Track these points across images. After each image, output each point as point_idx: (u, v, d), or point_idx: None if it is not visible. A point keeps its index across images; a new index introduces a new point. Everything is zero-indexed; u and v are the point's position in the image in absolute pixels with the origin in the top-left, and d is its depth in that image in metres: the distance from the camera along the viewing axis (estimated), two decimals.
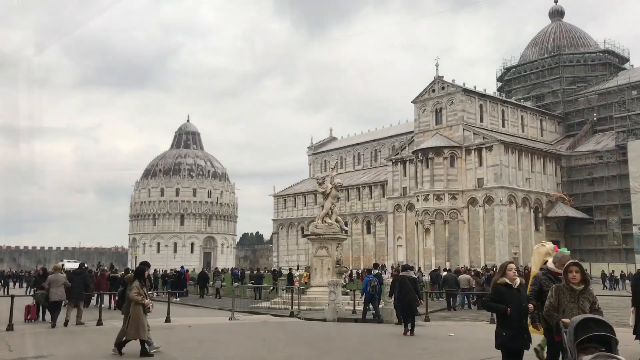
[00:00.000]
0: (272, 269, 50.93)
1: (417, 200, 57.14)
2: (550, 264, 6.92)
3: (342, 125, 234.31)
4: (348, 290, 22.29)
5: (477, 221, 54.33)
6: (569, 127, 65.47)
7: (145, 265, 10.61)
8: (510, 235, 53.55)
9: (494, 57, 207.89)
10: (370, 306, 17.29)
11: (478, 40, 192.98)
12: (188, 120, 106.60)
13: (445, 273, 27.75)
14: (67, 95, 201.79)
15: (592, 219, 56.20)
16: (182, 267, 38.21)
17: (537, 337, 7.17)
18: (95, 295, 19.72)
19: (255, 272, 39.11)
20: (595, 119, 62.52)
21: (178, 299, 27.84)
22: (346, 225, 25.15)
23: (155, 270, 50.37)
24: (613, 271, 45.03)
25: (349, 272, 47.92)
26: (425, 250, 56.03)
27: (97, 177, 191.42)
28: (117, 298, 11.92)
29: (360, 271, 49.49)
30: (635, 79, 60.94)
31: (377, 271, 18.36)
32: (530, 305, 6.46)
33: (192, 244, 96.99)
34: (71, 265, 35.50)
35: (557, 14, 74.60)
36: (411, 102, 60.23)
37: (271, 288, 28.65)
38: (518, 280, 6.38)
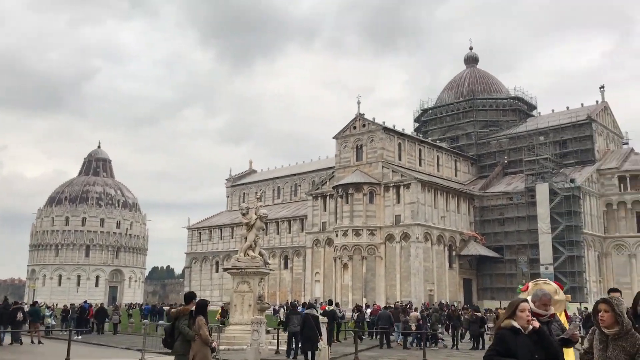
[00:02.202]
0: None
1: (336, 235, 56.83)
2: (529, 304, 6.19)
3: (263, 158, 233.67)
4: (270, 329, 21.03)
5: (394, 257, 54.63)
6: (481, 169, 68.10)
7: (205, 300, 9.42)
8: (426, 272, 54.17)
9: (412, 99, 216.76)
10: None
11: (397, 82, 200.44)
12: (99, 147, 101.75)
13: (368, 310, 27.14)
14: None
15: (502, 258, 58.06)
16: (85, 301, 35.28)
17: None
18: None
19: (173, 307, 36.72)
20: (506, 161, 65.43)
21: (80, 337, 25.46)
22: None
23: (54, 304, 46.48)
24: None
25: (273, 307, 46.50)
26: (342, 286, 55.49)
27: None
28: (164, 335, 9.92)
29: (276, 307, 48.15)
30: (543, 126, 64.61)
31: (332, 307, 17.87)
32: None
33: (98, 277, 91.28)
34: None
35: (471, 60, 78.37)
36: (333, 137, 60.51)
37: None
38: (532, 325, 4.82)
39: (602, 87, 67.40)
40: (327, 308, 22.53)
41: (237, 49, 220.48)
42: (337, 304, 24.66)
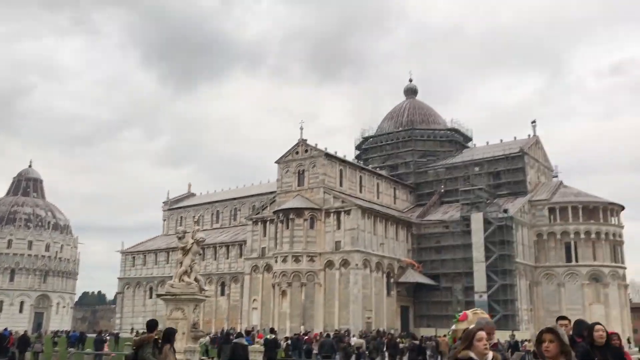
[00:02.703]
0: (113, 332, 46.37)
1: (276, 261, 56.23)
2: None
3: (203, 182, 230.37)
4: (204, 358, 20.33)
5: (333, 284, 54.49)
6: (419, 197, 69.42)
7: (173, 329, 8.97)
8: (364, 299, 54.25)
9: (354, 127, 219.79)
10: None
11: (340, 110, 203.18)
12: (30, 166, 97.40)
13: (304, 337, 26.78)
14: None
15: (438, 286, 58.95)
16: (5, 329, 33.20)
17: None
18: None
19: (104, 334, 35.04)
20: (442, 190, 67.01)
21: None
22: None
23: None
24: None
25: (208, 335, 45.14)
26: (280, 313, 54.75)
27: None
28: None
29: (211, 335, 46.84)
30: (478, 157, 66.82)
31: (273, 336, 17.35)
32: None
33: (22, 303, 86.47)
34: None
35: (411, 92, 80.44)
36: (275, 162, 60.30)
37: (113, 354, 25.63)
38: (490, 355, 4.73)
39: (534, 121, 70.54)
40: (268, 337, 22.03)
41: (181, 71, 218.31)
42: (243, 335, 24.14)
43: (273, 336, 19.32)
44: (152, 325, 8.76)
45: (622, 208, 61.82)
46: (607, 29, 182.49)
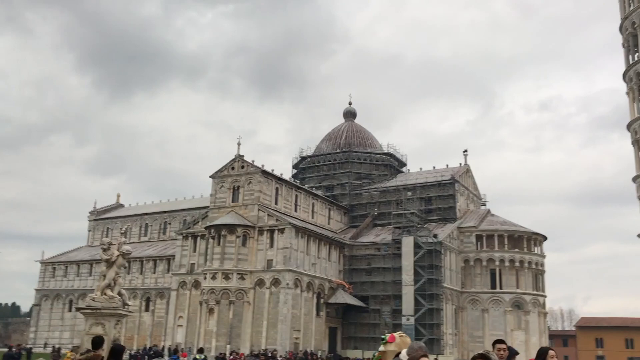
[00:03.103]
0: (26, 347, 43.65)
1: (205, 278, 54.90)
2: (404, 357, 5.91)
3: (133, 194, 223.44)
4: None
5: (263, 303, 53.72)
6: (353, 218, 69.98)
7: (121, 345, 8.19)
8: (293, 319, 53.74)
9: (293, 146, 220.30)
10: None
11: (280, 129, 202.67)
12: None
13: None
14: None
15: (367, 308, 59.26)
16: None
17: None
18: None
19: (15, 349, 32.73)
20: (376, 213, 67.87)
21: None
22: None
23: None
24: None
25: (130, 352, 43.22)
26: (206, 331, 53.34)
27: None
28: None
29: (132, 352, 45.02)
30: (411, 182, 68.30)
31: (203, 356, 16.51)
32: None
33: None
34: None
35: (350, 115, 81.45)
36: (210, 176, 59.24)
37: None
38: None
39: (466, 151, 72.94)
40: (197, 357, 21.15)
41: (116, 78, 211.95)
42: (162, 355, 23.44)
43: (202, 356, 18.47)
44: (98, 342, 8.22)
45: (545, 238, 64.62)
46: (537, 67, 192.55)
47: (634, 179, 38.68)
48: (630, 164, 40.01)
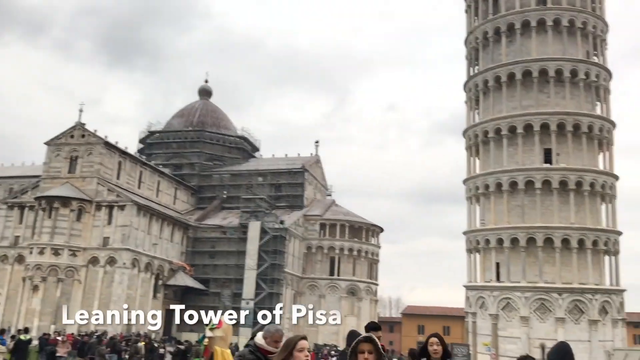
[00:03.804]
0: None
1: (31, 252, 50.32)
2: (259, 340, 5.45)
3: None
4: None
5: (95, 282, 50.61)
6: (200, 200, 68.53)
7: None
8: (128, 299, 51.29)
9: (142, 120, 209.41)
10: None
11: (129, 100, 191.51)
12: None
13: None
14: None
15: (207, 291, 58.49)
16: None
17: None
18: None
19: None
20: (225, 196, 67.12)
21: None
22: None
23: None
24: None
25: None
26: (28, 310, 48.99)
27: None
28: None
29: None
30: (262, 168, 68.46)
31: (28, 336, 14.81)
32: None
33: None
34: None
35: (205, 93, 79.41)
36: (45, 143, 54.29)
37: None
38: None
39: (317, 142, 74.85)
40: (22, 337, 19.04)
41: None
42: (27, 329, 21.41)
43: (28, 337, 16.61)
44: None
45: (382, 230, 68.58)
46: (386, 70, 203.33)
47: (464, 181, 42.40)
48: (463, 168, 43.84)
